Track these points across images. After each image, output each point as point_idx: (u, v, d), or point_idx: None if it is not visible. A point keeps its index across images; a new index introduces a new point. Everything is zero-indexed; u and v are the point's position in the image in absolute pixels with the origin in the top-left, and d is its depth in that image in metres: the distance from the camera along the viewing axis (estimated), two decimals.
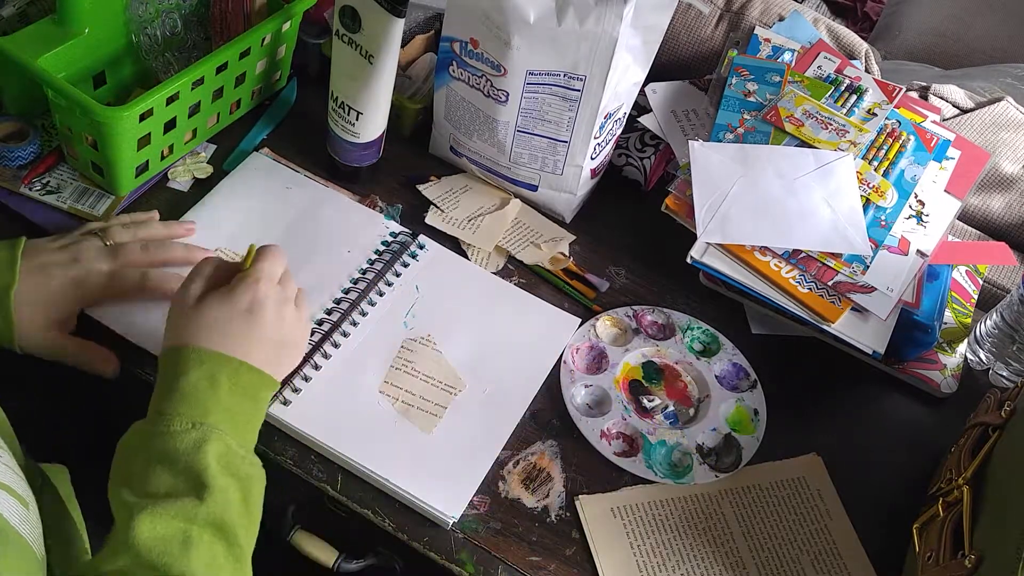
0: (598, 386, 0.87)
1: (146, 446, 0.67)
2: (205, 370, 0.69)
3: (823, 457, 0.87)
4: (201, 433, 0.66)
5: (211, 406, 0.68)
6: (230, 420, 0.68)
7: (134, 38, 0.92)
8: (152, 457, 0.66)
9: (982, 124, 1.05)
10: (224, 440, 0.67)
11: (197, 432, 0.66)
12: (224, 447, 0.67)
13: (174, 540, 0.62)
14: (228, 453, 0.67)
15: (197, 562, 0.62)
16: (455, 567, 0.76)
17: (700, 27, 1.10)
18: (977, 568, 0.67)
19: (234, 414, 0.69)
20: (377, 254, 0.92)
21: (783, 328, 0.95)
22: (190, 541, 0.62)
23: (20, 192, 0.90)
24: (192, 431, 0.66)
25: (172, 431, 0.66)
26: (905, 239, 0.92)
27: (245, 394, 0.71)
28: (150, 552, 0.61)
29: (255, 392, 0.72)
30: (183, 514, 0.63)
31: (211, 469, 0.65)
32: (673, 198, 0.92)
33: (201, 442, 0.66)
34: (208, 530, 0.63)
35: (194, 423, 0.67)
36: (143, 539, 0.61)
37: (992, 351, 0.95)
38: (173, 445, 0.65)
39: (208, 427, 0.67)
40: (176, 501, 0.63)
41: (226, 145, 0.99)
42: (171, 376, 0.69)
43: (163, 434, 0.66)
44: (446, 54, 0.93)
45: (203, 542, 0.63)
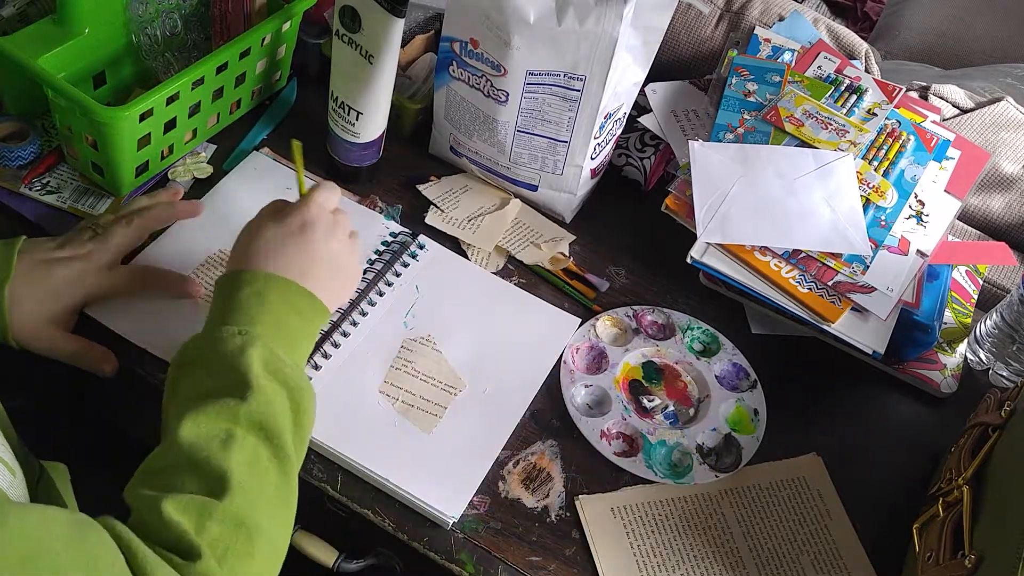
0: (598, 386, 0.87)
1: (195, 355, 0.68)
2: (255, 287, 0.70)
3: (823, 457, 0.87)
4: (246, 338, 0.67)
5: (258, 316, 0.69)
6: (277, 332, 0.69)
7: (134, 38, 0.92)
8: (200, 363, 0.67)
9: (982, 124, 1.05)
10: (269, 347, 0.67)
11: (243, 338, 0.67)
12: (269, 353, 0.67)
13: (215, 438, 0.62)
14: (273, 359, 0.67)
15: (237, 459, 0.62)
16: (455, 567, 0.76)
17: (700, 27, 1.10)
18: (977, 568, 0.67)
19: (281, 327, 0.70)
20: (377, 254, 0.92)
21: (783, 328, 0.95)
22: (232, 439, 0.62)
23: (20, 192, 0.90)
24: (238, 336, 0.67)
25: (219, 337, 0.67)
26: (905, 239, 0.92)
27: (293, 310, 0.71)
28: (190, 448, 0.61)
29: (304, 311, 0.72)
30: (225, 413, 0.63)
31: (254, 370, 0.65)
32: (673, 198, 0.92)
33: (245, 346, 0.66)
34: (252, 431, 0.63)
35: (240, 330, 0.67)
36: (185, 437, 0.62)
37: (992, 351, 0.95)
38: (219, 349, 0.66)
39: (253, 335, 0.67)
40: (219, 401, 0.64)
41: (226, 145, 0.99)
42: (224, 295, 0.71)
43: (211, 342, 0.67)
44: (446, 54, 0.93)
45: (246, 441, 0.63)
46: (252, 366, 0.65)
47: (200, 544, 0.57)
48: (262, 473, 0.63)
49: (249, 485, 0.61)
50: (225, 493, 0.60)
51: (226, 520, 0.59)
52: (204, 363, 0.67)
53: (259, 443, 0.64)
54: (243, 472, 0.62)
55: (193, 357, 0.68)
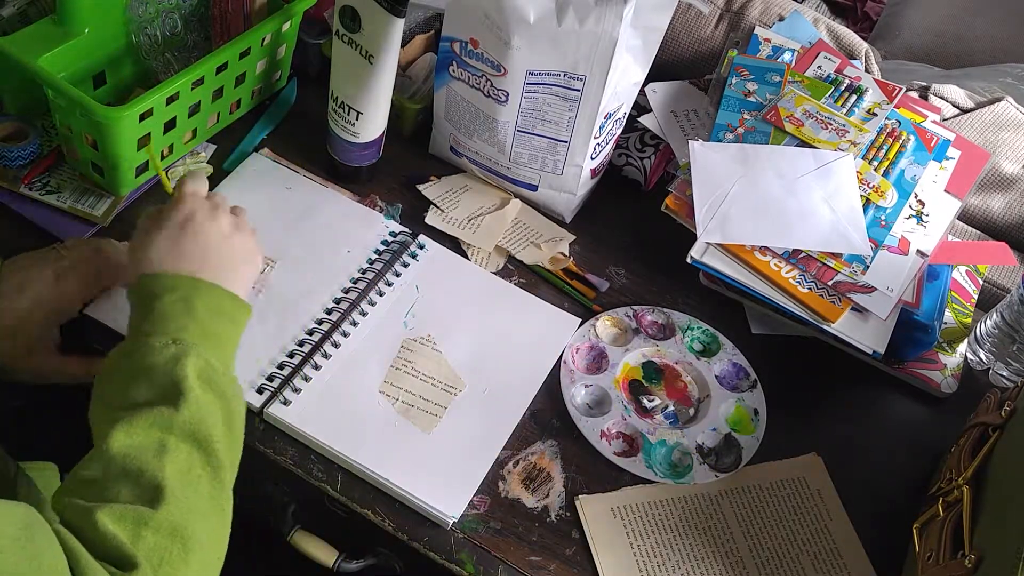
0: (598, 386, 0.87)
1: (125, 364, 0.67)
2: (179, 295, 0.70)
3: (823, 457, 0.87)
4: (180, 348, 0.66)
5: (188, 325, 0.68)
6: (206, 339, 0.69)
7: (134, 38, 0.92)
8: (130, 373, 0.66)
9: (982, 124, 1.05)
10: (204, 357, 0.67)
11: (176, 347, 0.66)
12: (204, 362, 0.67)
13: (148, 447, 0.62)
14: (207, 368, 0.67)
15: (171, 469, 0.61)
16: (455, 567, 0.76)
17: (700, 27, 1.10)
18: (977, 568, 0.67)
19: (209, 333, 0.69)
20: (377, 254, 0.92)
21: (783, 328, 0.95)
22: (165, 448, 0.62)
23: (20, 192, 0.90)
24: (171, 346, 0.66)
25: (150, 346, 0.66)
26: (905, 239, 0.92)
27: (221, 314, 0.71)
28: (124, 459, 0.61)
29: (231, 314, 0.72)
30: (159, 423, 0.63)
31: (188, 380, 0.65)
32: (673, 198, 0.92)
33: (180, 355, 0.66)
34: (185, 440, 0.63)
35: (173, 339, 0.67)
36: (118, 447, 0.61)
37: (992, 351, 0.95)
38: (151, 360, 0.66)
39: (187, 343, 0.67)
40: (152, 410, 0.63)
41: (226, 145, 0.99)
42: (146, 301, 0.70)
43: (141, 351, 0.66)
44: (446, 54, 0.92)
45: (179, 450, 0.62)
46: (187, 376, 0.65)
47: (136, 554, 0.57)
48: (195, 481, 0.63)
49: (183, 494, 0.61)
50: (160, 502, 0.60)
51: (161, 529, 0.59)
52: (136, 373, 0.66)
53: (193, 451, 0.63)
54: (177, 481, 0.61)
55: (123, 367, 0.67)
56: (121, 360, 0.68)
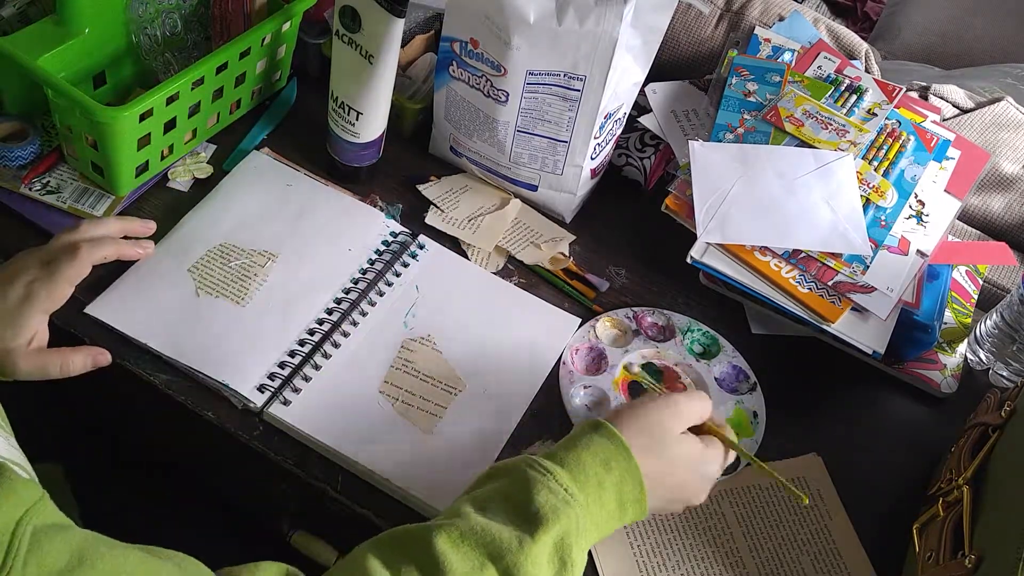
0: (597, 387, 0.87)
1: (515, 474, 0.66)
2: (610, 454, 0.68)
3: (823, 457, 0.87)
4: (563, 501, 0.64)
5: (588, 486, 0.66)
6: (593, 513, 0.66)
7: (134, 38, 0.92)
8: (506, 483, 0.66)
9: (982, 124, 1.05)
10: (577, 521, 0.64)
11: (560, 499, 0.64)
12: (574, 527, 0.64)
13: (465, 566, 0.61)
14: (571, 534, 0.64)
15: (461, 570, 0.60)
16: None
17: (700, 27, 1.10)
18: (977, 568, 0.67)
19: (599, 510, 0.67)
20: (378, 254, 0.92)
21: (783, 328, 0.95)
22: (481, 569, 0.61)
23: (20, 192, 0.90)
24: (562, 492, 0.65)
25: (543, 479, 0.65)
26: (905, 239, 0.92)
27: (622, 499, 0.68)
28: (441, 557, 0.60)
29: (627, 506, 0.69)
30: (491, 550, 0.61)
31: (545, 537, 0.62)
32: (673, 198, 0.92)
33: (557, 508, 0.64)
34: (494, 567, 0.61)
35: (567, 488, 0.65)
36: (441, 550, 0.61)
37: (992, 351, 0.95)
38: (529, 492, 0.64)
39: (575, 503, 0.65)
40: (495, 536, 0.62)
41: (226, 145, 0.99)
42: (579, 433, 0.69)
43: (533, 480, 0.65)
44: (446, 54, 0.93)
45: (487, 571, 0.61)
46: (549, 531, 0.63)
47: None
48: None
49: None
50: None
51: None
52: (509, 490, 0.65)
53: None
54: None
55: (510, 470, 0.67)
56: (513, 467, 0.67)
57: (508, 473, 0.67)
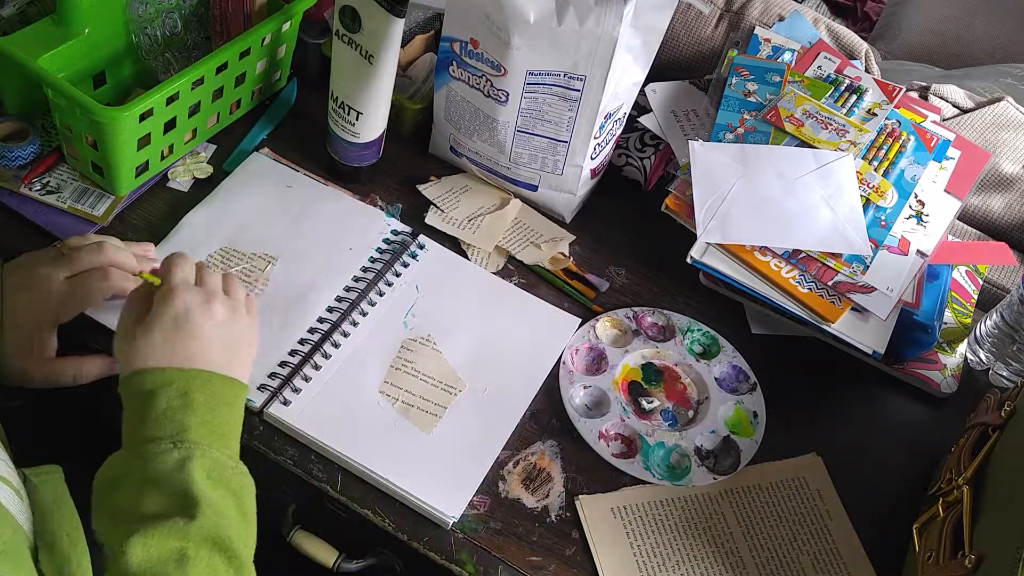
0: (597, 387, 0.87)
1: (129, 474, 0.65)
2: (176, 388, 0.68)
3: (823, 457, 0.87)
4: (184, 451, 0.65)
5: (189, 422, 0.67)
6: (211, 433, 0.67)
7: (134, 38, 0.92)
8: (137, 483, 0.65)
9: (982, 124, 1.05)
10: (209, 454, 0.66)
11: (180, 451, 0.65)
12: (211, 461, 0.65)
13: (169, 560, 0.61)
14: (216, 466, 0.66)
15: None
16: (455, 567, 0.76)
17: (700, 27, 1.10)
18: (977, 568, 0.67)
19: (214, 426, 0.68)
20: (378, 253, 0.92)
21: (783, 328, 0.95)
22: (186, 559, 0.61)
23: (20, 192, 0.90)
24: (174, 451, 0.65)
25: (153, 454, 0.65)
26: (905, 239, 0.92)
27: (220, 402, 0.69)
28: (145, 574, 0.60)
29: (230, 400, 0.70)
30: (176, 533, 0.62)
31: (198, 485, 0.63)
32: (673, 198, 0.92)
33: (185, 459, 0.64)
34: (204, 545, 0.62)
35: (175, 442, 0.65)
36: (137, 563, 0.60)
37: (992, 351, 0.95)
38: (156, 468, 0.64)
39: (190, 443, 0.65)
40: (167, 521, 0.62)
41: (226, 145, 0.99)
42: (140, 400, 0.68)
43: (145, 458, 0.65)
44: (446, 54, 0.93)
45: (200, 558, 0.62)
46: (196, 480, 0.63)
47: None
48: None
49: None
50: None
51: None
52: (142, 484, 0.64)
53: (213, 555, 0.62)
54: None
55: (122, 474, 0.66)
56: (123, 469, 0.66)
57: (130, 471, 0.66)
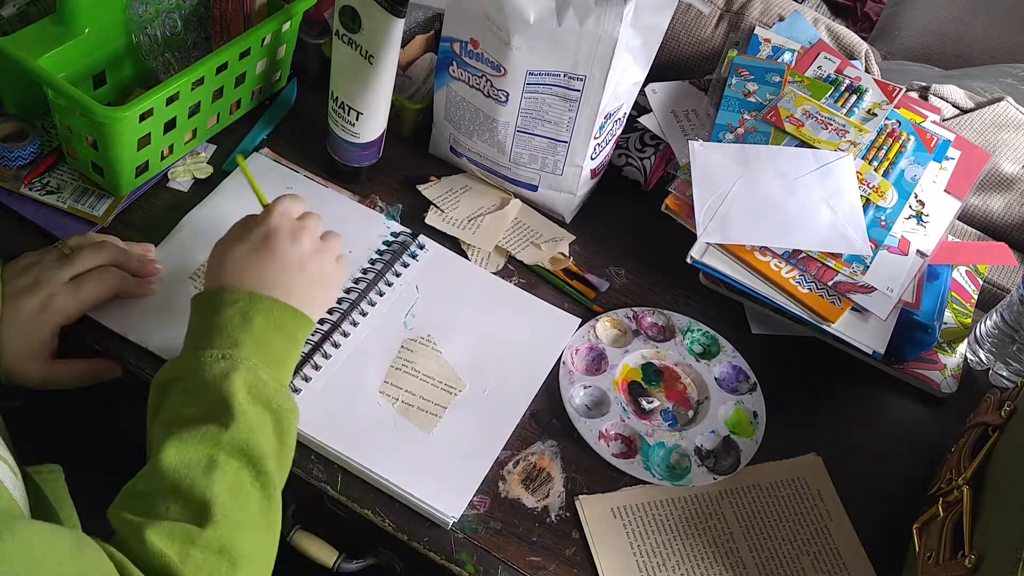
0: (597, 387, 0.87)
1: (177, 378, 0.68)
2: (239, 308, 0.70)
3: (823, 457, 0.87)
4: (230, 363, 0.67)
5: (243, 339, 0.69)
6: (262, 354, 0.69)
7: (134, 38, 0.92)
8: (181, 388, 0.67)
9: (982, 124, 1.05)
10: (254, 371, 0.67)
11: (226, 362, 0.67)
12: (254, 377, 0.67)
13: (198, 464, 0.62)
14: (258, 383, 0.67)
15: (220, 485, 0.62)
16: (455, 567, 0.76)
17: (700, 27, 1.10)
18: (977, 568, 0.67)
19: (266, 349, 0.69)
20: (378, 254, 0.92)
21: (783, 328, 0.95)
22: (214, 465, 0.63)
23: (20, 192, 0.90)
24: (221, 361, 0.67)
25: (202, 362, 0.67)
26: (905, 239, 0.92)
27: (279, 330, 0.71)
28: (174, 475, 0.62)
29: (290, 329, 0.72)
30: (208, 439, 0.63)
31: (237, 397, 0.65)
32: (673, 198, 0.92)
33: (229, 371, 0.66)
34: (235, 456, 0.64)
35: (224, 354, 0.67)
36: (168, 463, 0.62)
37: (992, 351, 0.95)
38: (201, 375, 0.66)
39: (237, 358, 0.67)
40: (202, 427, 0.64)
41: (226, 145, 0.99)
42: (205, 315, 0.71)
43: (193, 366, 0.67)
44: (446, 54, 0.93)
45: (229, 467, 0.63)
46: (235, 392, 0.65)
47: (184, 571, 0.58)
48: (244, 498, 0.63)
49: (232, 511, 0.62)
50: (208, 521, 0.61)
51: (209, 548, 0.60)
52: (187, 386, 0.67)
53: (242, 468, 0.64)
54: (226, 499, 0.62)
55: (175, 378, 0.68)
56: (174, 372, 0.68)
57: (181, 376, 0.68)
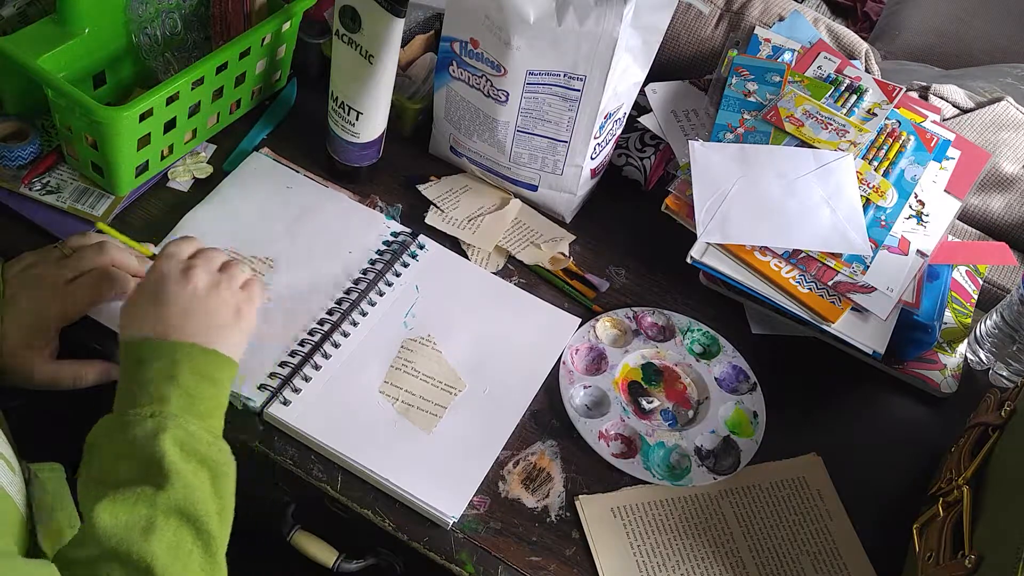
0: (597, 387, 0.87)
1: (109, 439, 0.67)
2: (163, 360, 0.69)
3: (823, 457, 0.87)
4: (158, 422, 0.65)
5: (169, 395, 0.67)
6: (191, 407, 0.68)
7: (134, 38, 0.92)
8: (114, 448, 0.66)
9: (982, 124, 1.05)
10: (184, 427, 0.66)
11: (154, 421, 0.66)
12: (184, 434, 0.66)
13: (135, 526, 0.61)
14: (190, 439, 0.66)
15: (159, 546, 0.61)
16: (455, 567, 0.76)
17: (700, 27, 1.10)
18: (977, 568, 0.67)
19: (195, 400, 0.68)
20: (378, 254, 0.92)
21: (783, 328, 0.95)
22: (153, 527, 0.61)
23: (20, 192, 0.90)
24: (149, 420, 0.66)
25: (129, 421, 0.66)
26: (905, 239, 0.92)
27: (204, 378, 0.70)
28: (111, 539, 0.61)
29: (213, 374, 0.71)
30: (143, 500, 0.62)
31: (169, 456, 0.64)
32: (673, 198, 0.92)
33: (158, 430, 0.65)
34: (172, 516, 0.63)
35: (152, 412, 0.66)
36: (104, 526, 0.61)
37: (992, 351, 0.95)
38: (132, 434, 0.65)
39: (165, 415, 0.66)
40: (136, 488, 0.63)
41: (226, 145, 0.99)
42: (131, 368, 0.70)
43: (124, 424, 0.66)
44: (446, 54, 0.93)
45: (167, 527, 0.62)
46: (167, 452, 0.64)
47: None
48: (186, 557, 0.62)
49: (174, 571, 0.61)
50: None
51: None
52: (117, 446, 0.66)
53: (181, 527, 0.63)
54: (167, 560, 0.61)
55: (105, 438, 0.67)
56: (106, 433, 0.67)
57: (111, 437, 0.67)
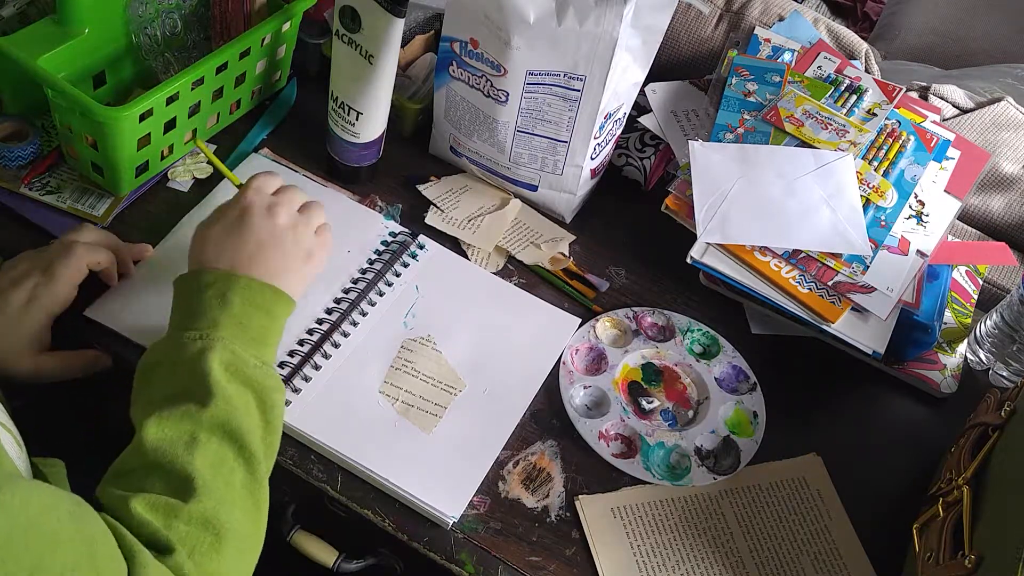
0: (597, 387, 0.87)
1: (158, 361, 0.69)
2: (216, 289, 0.71)
3: (823, 457, 0.87)
4: (206, 342, 0.68)
5: (221, 319, 0.70)
6: (240, 333, 0.70)
7: (134, 38, 0.92)
8: (163, 367, 0.68)
9: (982, 124, 1.05)
10: (231, 350, 0.68)
11: (202, 342, 0.68)
12: (231, 355, 0.68)
13: (179, 441, 0.64)
14: (236, 361, 0.68)
15: (202, 461, 0.63)
16: (455, 567, 0.76)
17: (700, 27, 1.10)
18: (977, 568, 0.67)
19: (245, 328, 0.70)
20: (377, 254, 0.92)
21: (783, 328, 0.95)
22: (196, 442, 0.64)
23: (20, 192, 0.90)
24: (198, 341, 0.68)
25: (181, 343, 0.68)
26: (905, 239, 0.92)
27: (257, 308, 0.72)
28: (156, 452, 0.63)
29: (267, 307, 0.73)
30: (188, 417, 0.65)
31: (214, 374, 0.66)
32: (673, 198, 0.92)
33: (205, 350, 0.67)
34: (215, 433, 0.65)
35: (201, 334, 0.68)
36: (150, 440, 0.63)
37: (992, 351, 0.95)
38: (180, 355, 0.68)
39: (214, 338, 0.68)
40: (182, 405, 0.65)
41: (226, 145, 0.99)
42: (185, 297, 0.72)
43: (173, 347, 0.69)
44: (446, 54, 0.93)
45: (210, 443, 0.64)
46: (212, 370, 0.66)
47: (171, 539, 0.60)
48: (228, 474, 0.65)
49: (215, 486, 0.63)
50: (191, 495, 0.62)
51: (192, 520, 0.61)
52: (167, 367, 0.68)
53: (224, 444, 0.65)
54: (208, 474, 0.63)
55: (156, 361, 0.70)
56: (155, 355, 0.70)
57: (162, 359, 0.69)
